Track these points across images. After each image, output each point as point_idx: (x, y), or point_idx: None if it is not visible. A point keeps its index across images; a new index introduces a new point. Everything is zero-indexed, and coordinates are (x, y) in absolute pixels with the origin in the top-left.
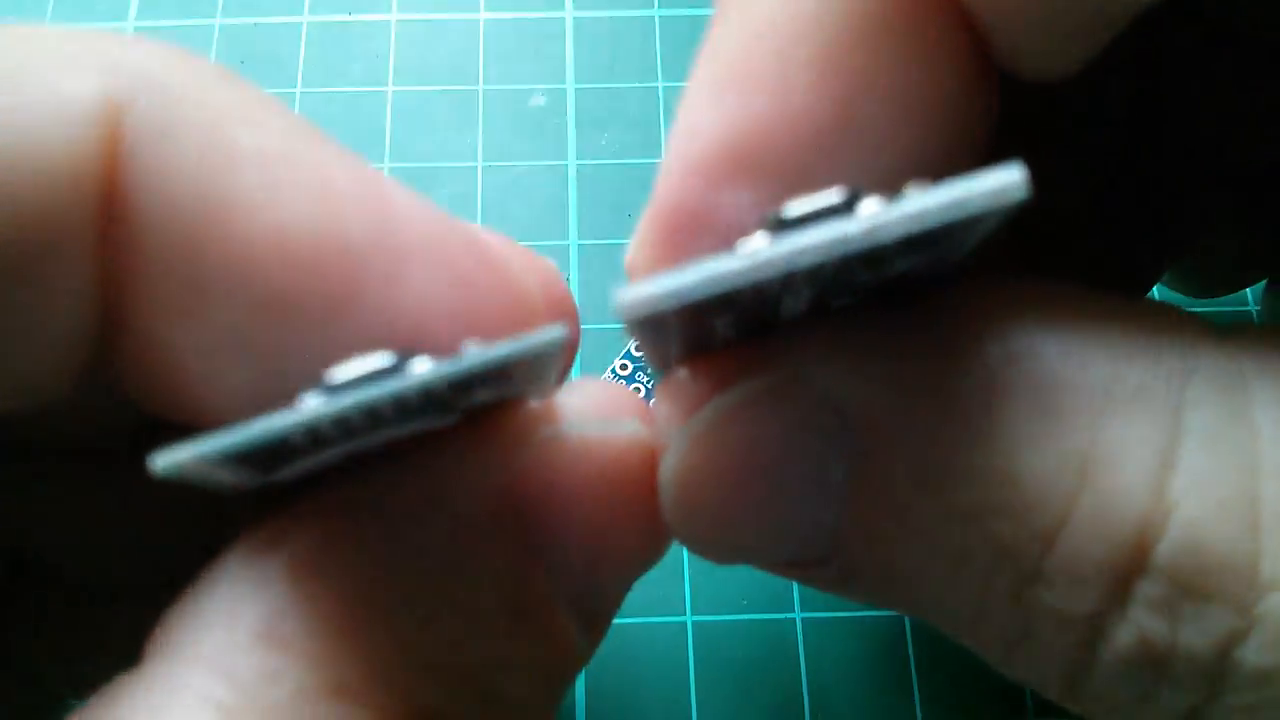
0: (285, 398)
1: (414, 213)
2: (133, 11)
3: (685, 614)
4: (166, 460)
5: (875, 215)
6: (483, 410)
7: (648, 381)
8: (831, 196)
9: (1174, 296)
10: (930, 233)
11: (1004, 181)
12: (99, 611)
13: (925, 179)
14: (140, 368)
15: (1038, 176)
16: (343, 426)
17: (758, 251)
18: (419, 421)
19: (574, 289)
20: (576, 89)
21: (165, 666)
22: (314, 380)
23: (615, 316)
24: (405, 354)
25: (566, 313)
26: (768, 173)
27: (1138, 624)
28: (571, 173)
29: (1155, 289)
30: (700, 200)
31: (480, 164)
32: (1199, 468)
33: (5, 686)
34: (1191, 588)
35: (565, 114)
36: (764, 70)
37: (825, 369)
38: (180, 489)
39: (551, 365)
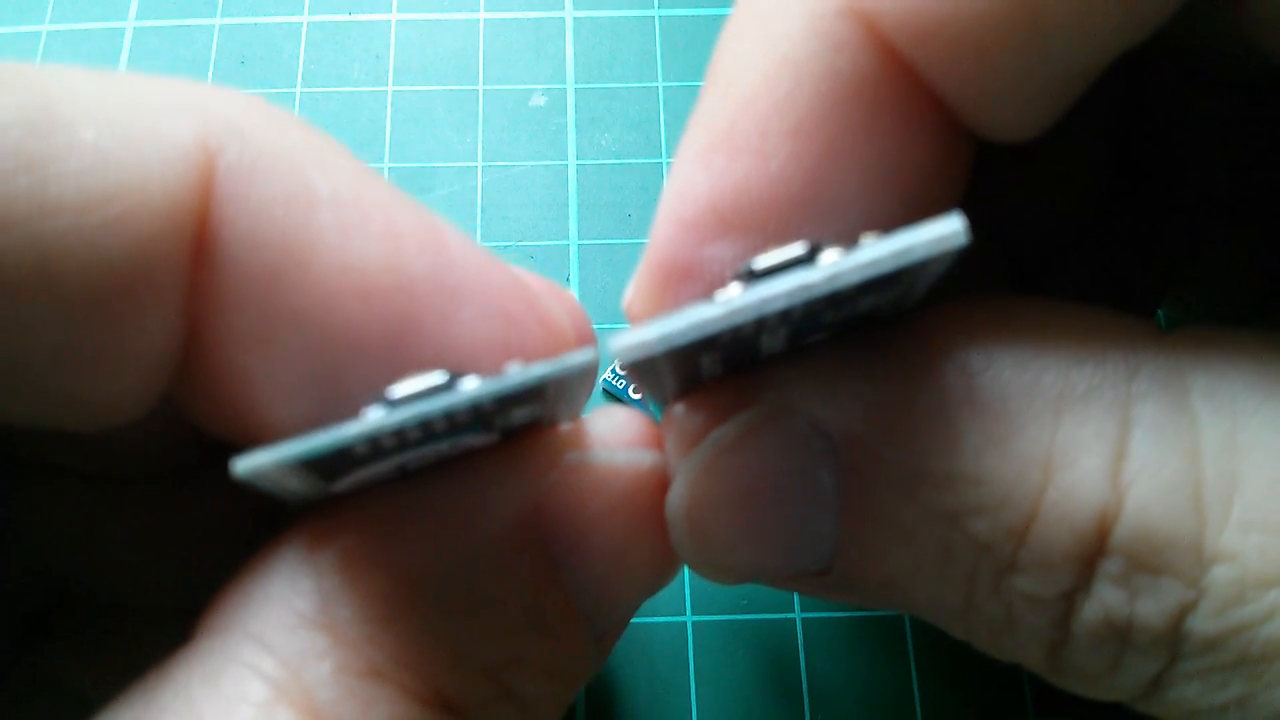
0: (348, 415)
1: (466, 253)
2: (133, 11)
3: (685, 614)
4: (247, 464)
5: (834, 264)
6: (519, 430)
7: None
8: (796, 249)
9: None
10: (884, 276)
11: (945, 230)
12: (142, 630)
13: (881, 230)
14: (213, 391)
15: (1017, 208)
16: (399, 437)
17: (731, 300)
18: (464, 437)
19: (574, 289)
20: (576, 89)
21: (218, 641)
22: (376, 395)
23: (612, 359)
24: (457, 374)
25: (589, 342)
26: (748, 229)
27: (1102, 600)
28: (571, 173)
29: (1162, 320)
30: (690, 253)
31: (480, 164)
32: (1147, 456)
33: (51, 708)
34: (1145, 564)
35: (565, 114)
36: (746, 139)
37: (809, 396)
38: (228, 508)
39: (579, 387)
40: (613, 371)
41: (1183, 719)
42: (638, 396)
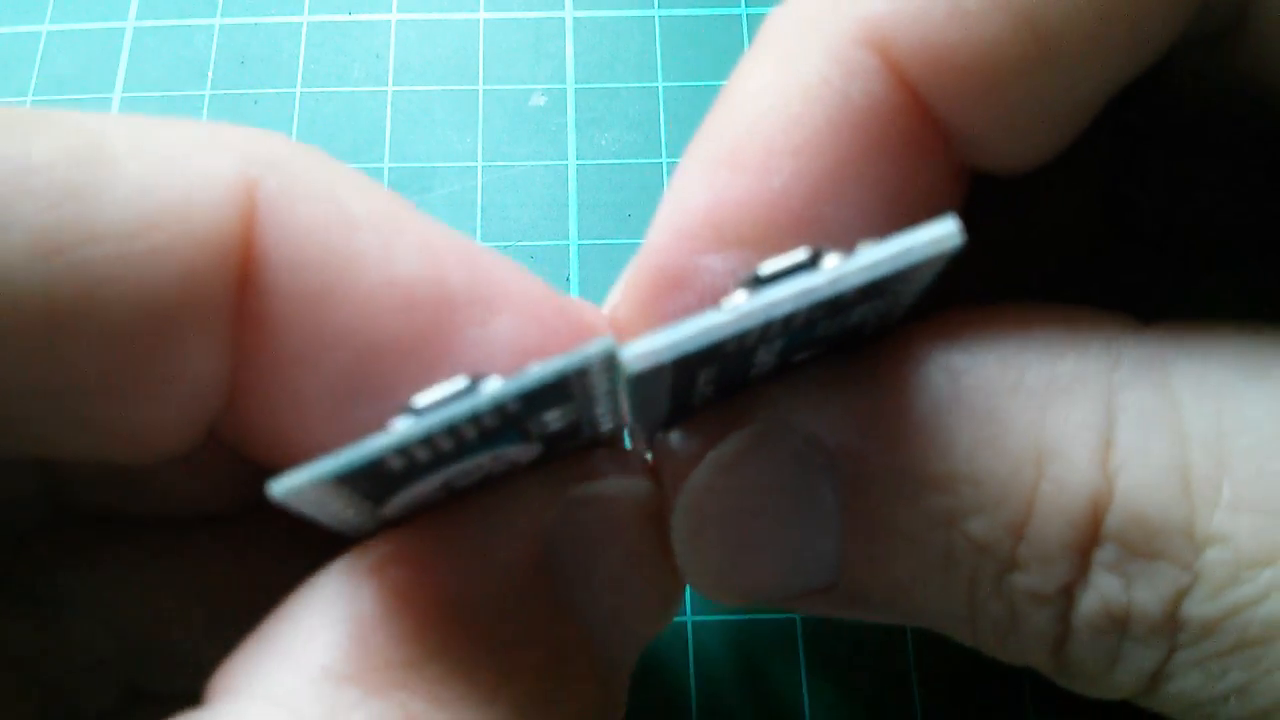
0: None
1: (499, 266)
2: (133, 11)
3: (685, 614)
4: (283, 485)
5: (837, 268)
6: (563, 442)
7: None
8: (799, 255)
9: None
10: (883, 280)
11: (942, 232)
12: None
13: (875, 237)
14: (262, 416)
15: (1007, 244)
16: (432, 448)
17: (739, 305)
18: (502, 447)
19: (574, 289)
20: (576, 89)
21: (229, 704)
22: (402, 406)
23: (622, 370)
24: (478, 378)
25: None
26: (744, 243)
27: (1099, 590)
28: (571, 173)
29: None
30: (684, 263)
31: (480, 164)
32: (1134, 442)
33: None
34: (1139, 550)
35: (565, 114)
36: (751, 155)
37: (803, 411)
38: (294, 561)
39: (602, 384)
40: None
41: (1185, 713)
42: None
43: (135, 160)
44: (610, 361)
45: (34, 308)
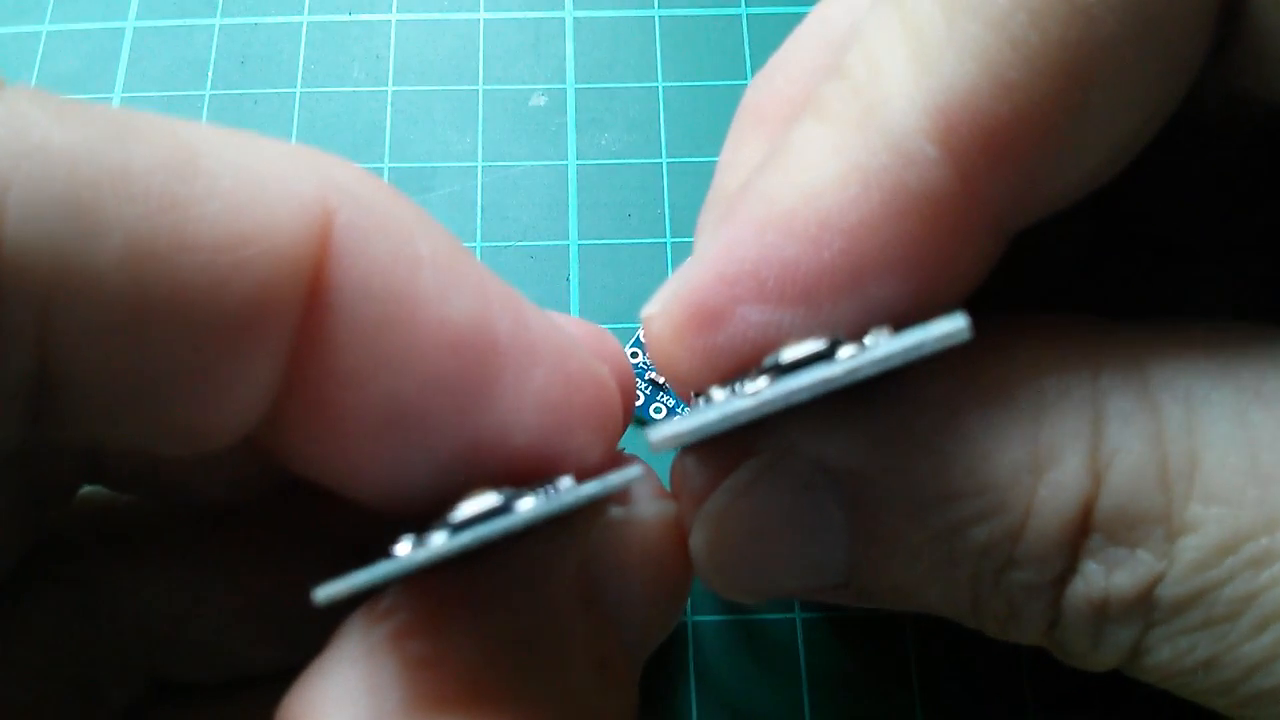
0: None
1: (538, 319)
2: (133, 11)
3: (685, 614)
4: (326, 594)
5: (853, 359)
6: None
7: (646, 387)
8: (818, 345)
9: None
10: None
11: (952, 328)
12: (235, 703)
13: (887, 325)
14: (303, 427)
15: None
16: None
17: (761, 392)
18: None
19: (574, 289)
20: (576, 89)
21: None
22: (441, 521)
23: (649, 447)
24: (512, 495)
25: (629, 384)
26: (783, 301)
27: (1085, 579)
28: (571, 173)
29: None
30: (723, 305)
31: (480, 164)
32: (1117, 443)
33: None
34: (1121, 540)
35: (565, 114)
36: (806, 227)
37: (810, 438)
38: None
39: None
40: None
41: (1163, 682)
42: (659, 418)
43: (229, 176)
44: (638, 483)
45: (123, 308)
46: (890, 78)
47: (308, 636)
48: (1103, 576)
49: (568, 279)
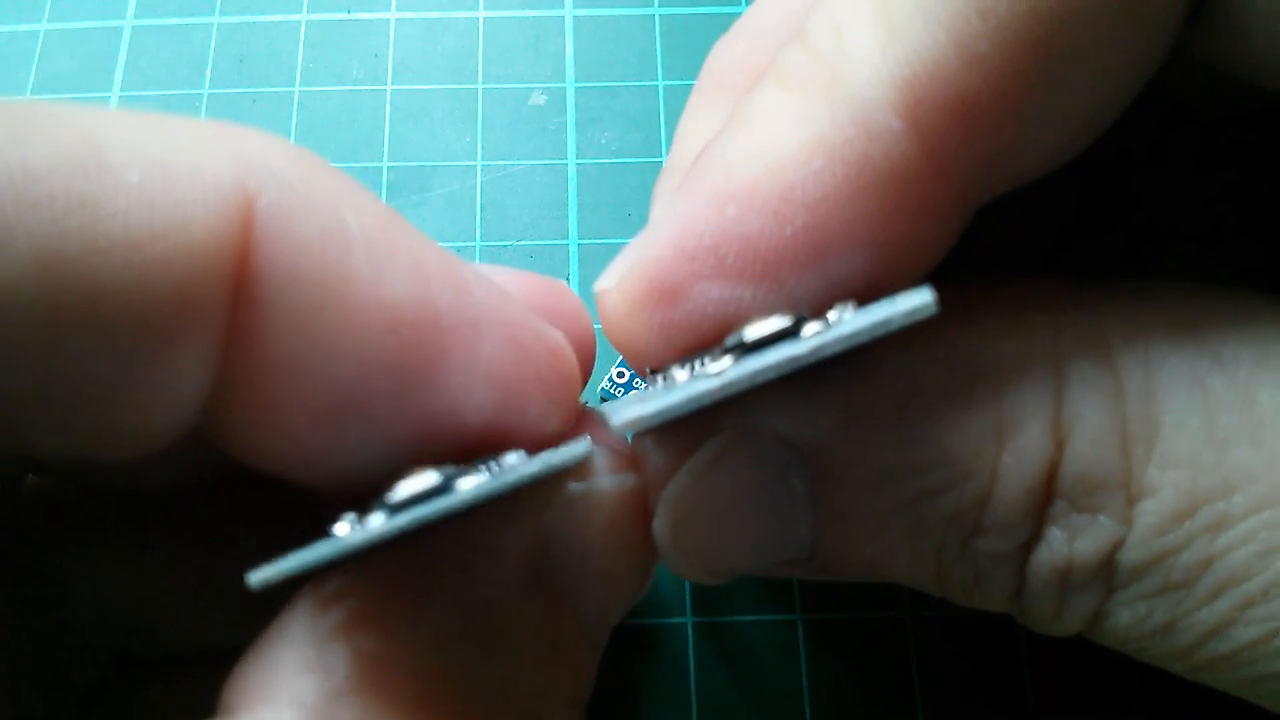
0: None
1: (482, 287)
2: (131, 10)
3: (685, 614)
4: (260, 578)
5: (818, 336)
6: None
7: (645, 388)
8: (782, 322)
9: None
10: (860, 343)
11: (918, 303)
12: (196, 676)
13: (852, 300)
14: (243, 419)
15: (979, 240)
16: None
17: (726, 373)
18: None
19: (574, 288)
20: (576, 88)
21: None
22: (379, 502)
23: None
24: (453, 474)
25: (587, 341)
26: (744, 277)
27: (1049, 545)
28: (571, 172)
29: None
30: (680, 280)
31: (479, 163)
32: (1078, 408)
33: None
34: (1084, 506)
35: (565, 113)
36: (767, 200)
37: (772, 414)
38: (259, 530)
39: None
40: (609, 380)
41: (1123, 646)
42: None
43: (136, 169)
44: (586, 461)
45: (35, 316)
46: (855, 45)
47: (270, 612)
48: (1066, 543)
49: (568, 278)
